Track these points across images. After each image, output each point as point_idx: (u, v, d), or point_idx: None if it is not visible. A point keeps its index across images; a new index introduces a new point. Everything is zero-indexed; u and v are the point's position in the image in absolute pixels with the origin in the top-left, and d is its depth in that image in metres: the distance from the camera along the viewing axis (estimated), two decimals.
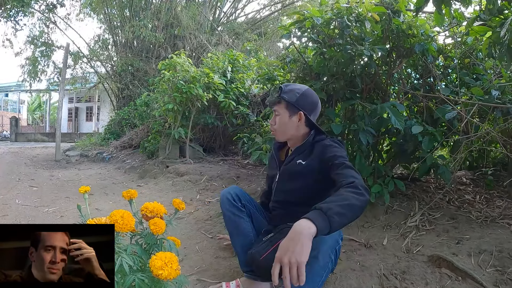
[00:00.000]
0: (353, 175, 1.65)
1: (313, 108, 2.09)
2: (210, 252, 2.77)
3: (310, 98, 2.08)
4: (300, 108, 2.04)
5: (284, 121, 2.08)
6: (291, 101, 2.03)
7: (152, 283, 1.21)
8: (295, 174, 2.05)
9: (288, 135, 2.13)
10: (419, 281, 2.15)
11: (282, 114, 2.07)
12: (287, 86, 2.09)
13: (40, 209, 4.21)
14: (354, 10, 2.97)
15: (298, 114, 2.05)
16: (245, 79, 6.78)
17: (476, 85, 3.01)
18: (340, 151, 1.89)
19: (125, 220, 1.15)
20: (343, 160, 1.79)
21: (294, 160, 2.07)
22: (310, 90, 2.11)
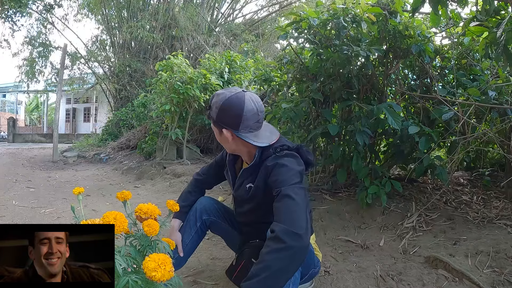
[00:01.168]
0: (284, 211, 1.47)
1: (237, 122, 1.72)
2: (206, 254, 2.76)
3: (229, 111, 1.72)
4: (222, 125, 1.75)
5: (219, 138, 1.85)
6: (214, 118, 1.77)
7: (146, 285, 1.20)
8: (248, 199, 1.87)
9: (231, 150, 1.91)
10: (416, 282, 2.14)
11: (215, 131, 1.84)
12: (213, 97, 1.79)
13: (37, 210, 4.20)
14: (350, 11, 2.96)
15: (223, 131, 1.76)
16: (243, 80, 6.78)
17: (473, 86, 3.02)
18: (284, 173, 1.63)
19: (118, 222, 1.14)
20: (281, 187, 1.56)
21: (244, 185, 1.88)
22: (230, 100, 1.72)
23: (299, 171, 1.65)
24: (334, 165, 3.75)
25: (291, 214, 1.44)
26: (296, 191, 1.53)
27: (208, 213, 2.09)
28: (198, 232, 2.06)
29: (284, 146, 1.76)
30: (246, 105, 1.71)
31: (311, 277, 1.98)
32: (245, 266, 1.79)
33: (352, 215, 3.15)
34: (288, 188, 1.54)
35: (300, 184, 1.59)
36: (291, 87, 4.01)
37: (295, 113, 3.24)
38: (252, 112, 1.72)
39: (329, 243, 2.79)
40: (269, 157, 1.74)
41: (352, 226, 3.02)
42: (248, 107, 1.72)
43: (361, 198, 3.07)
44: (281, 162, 1.67)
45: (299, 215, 1.44)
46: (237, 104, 1.71)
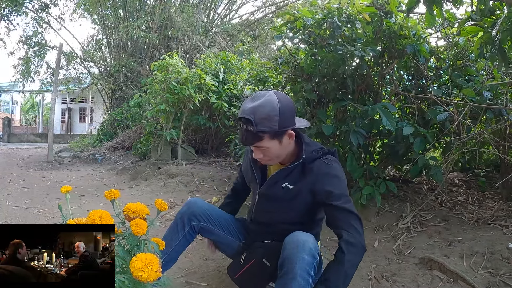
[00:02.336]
0: (354, 225, 1.57)
1: (293, 115, 1.68)
2: (199, 254, 2.74)
3: (287, 109, 1.62)
4: (286, 128, 1.63)
5: (276, 150, 1.68)
6: (273, 130, 1.59)
7: (133, 285, 1.17)
8: (279, 199, 1.80)
9: (282, 158, 1.77)
10: (410, 284, 2.13)
11: (271, 146, 1.65)
12: (256, 113, 1.57)
13: (31, 210, 4.17)
14: (344, 10, 2.94)
15: (287, 134, 1.66)
16: (238, 80, 6.76)
17: (468, 87, 3.01)
18: (340, 184, 1.65)
19: (103, 220, 1.12)
20: (344, 202, 1.60)
21: (279, 183, 1.77)
22: (281, 101, 1.61)
23: (345, 180, 1.71)
24: None
25: (361, 231, 1.58)
26: (354, 209, 1.63)
27: (198, 218, 2.00)
28: (186, 237, 2.00)
29: (323, 149, 1.76)
30: (289, 98, 1.71)
31: None
32: (254, 265, 1.78)
33: None
34: (350, 205, 1.63)
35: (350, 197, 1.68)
36: (285, 88, 4.00)
37: None
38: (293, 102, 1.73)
39: (323, 244, 2.77)
40: (314, 161, 1.71)
41: None
42: (289, 98, 1.71)
43: (356, 199, 3.05)
44: (332, 172, 1.67)
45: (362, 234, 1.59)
46: (288, 100, 1.66)
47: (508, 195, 3.26)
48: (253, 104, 1.59)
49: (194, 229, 2.01)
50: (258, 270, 1.74)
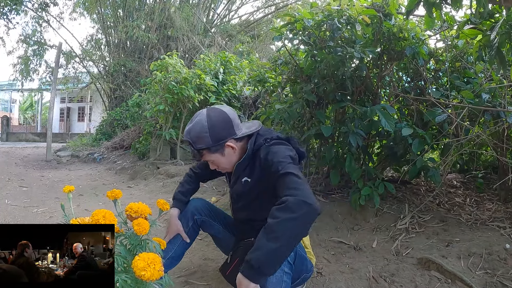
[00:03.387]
0: (289, 187, 1.47)
1: (229, 127, 1.76)
2: (198, 254, 2.75)
3: (217, 123, 1.72)
4: (222, 141, 1.74)
5: (221, 161, 1.81)
6: (209, 146, 1.72)
7: (136, 284, 1.19)
8: (245, 195, 1.86)
9: (233, 163, 1.85)
10: (408, 284, 2.14)
11: (214, 158, 1.79)
12: (190, 133, 1.74)
13: (29, 209, 4.17)
14: (345, 12, 2.96)
15: (226, 146, 1.76)
16: (237, 81, 6.77)
17: (466, 89, 3.03)
18: (279, 153, 1.65)
19: (107, 220, 1.13)
20: (281, 166, 1.56)
21: (239, 179, 1.86)
22: (210, 116, 1.73)
23: (291, 155, 1.66)
24: (327, 167, 3.75)
25: (296, 186, 1.45)
26: (294, 168, 1.55)
27: (200, 212, 2.08)
28: (190, 232, 2.04)
29: (273, 136, 1.80)
30: (225, 111, 1.79)
31: (303, 281, 1.97)
32: (239, 263, 1.75)
33: (345, 216, 3.15)
34: (286, 167, 1.55)
35: (294, 163, 1.61)
36: (285, 88, 4.01)
37: (288, 114, 3.24)
38: (232, 112, 1.81)
39: (322, 245, 2.79)
40: (260, 148, 1.76)
41: (345, 227, 3.02)
42: (227, 111, 1.79)
43: (354, 200, 3.07)
44: (272, 149, 1.69)
45: (303, 186, 1.45)
46: (219, 114, 1.76)
47: (505, 196, 3.27)
48: (189, 126, 1.78)
49: (197, 223, 2.07)
50: None
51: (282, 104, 3.38)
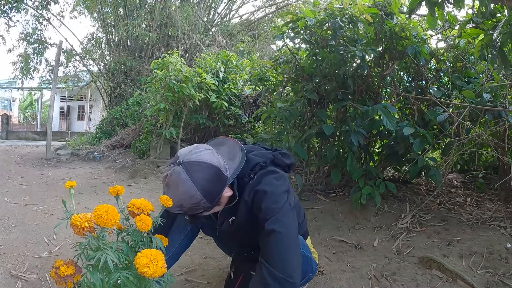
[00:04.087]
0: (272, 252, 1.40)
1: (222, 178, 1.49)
2: (199, 253, 2.74)
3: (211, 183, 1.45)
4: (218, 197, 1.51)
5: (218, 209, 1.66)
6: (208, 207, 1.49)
7: (138, 281, 1.18)
8: (233, 233, 1.74)
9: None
10: (409, 283, 2.14)
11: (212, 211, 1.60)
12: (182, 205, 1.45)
13: (29, 207, 4.16)
14: (347, 11, 2.96)
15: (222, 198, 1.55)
16: (238, 80, 6.77)
17: (468, 88, 3.03)
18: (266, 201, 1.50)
19: (110, 215, 1.13)
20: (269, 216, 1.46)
21: (226, 220, 1.71)
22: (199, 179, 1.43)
23: (283, 190, 1.55)
24: (328, 166, 3.75)
25: (279, 256, 1.39)
26: (282, 222, 1.46)
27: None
28: (188, 235, 2.00)
29: (256, 166, 1.62)
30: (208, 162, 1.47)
31: (307, 281, 1.96)
32: (244, 279, 1.77)
33: (346, 215, 3.15)
34: (273, 221, 1.45)
35: (286, 205, 1.51)
36: (286, 87, 4.01)
37: (290, 113, 3.24)
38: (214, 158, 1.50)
39: (323, 243, 2.79)
40: (246, 187, 1.59)
41: (346, 226, 3.02)
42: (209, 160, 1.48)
43: (355, 199, 3.07)
44: (260, 188, 1.53)
45: (287, 255, 1.40)
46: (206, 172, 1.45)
47: (506, 196, 3.27)
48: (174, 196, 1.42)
49: (196, 226, 2.01)
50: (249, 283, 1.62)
51: (284, 103, 3.38)
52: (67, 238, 3.05)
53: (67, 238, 3.06)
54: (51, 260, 2.63)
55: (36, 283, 2.29)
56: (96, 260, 1.12)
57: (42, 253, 2.77)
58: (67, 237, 3.07)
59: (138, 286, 1.19)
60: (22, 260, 2.61)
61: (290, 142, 3.24)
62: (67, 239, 3.04)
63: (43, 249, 2.86)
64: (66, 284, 1.14)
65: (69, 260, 1.17)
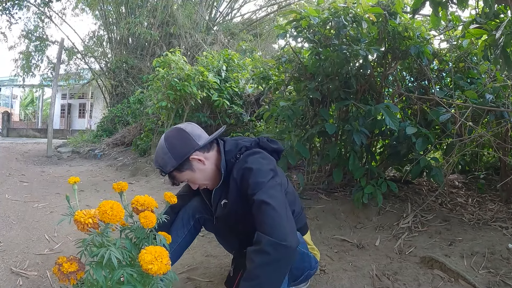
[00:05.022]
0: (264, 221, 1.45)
1: (188, 140, 1.70)
2: (200, 251, 2.74)
3: (174, 141, 1.69)
4: (185, 157, 1.67)
5: (196, 177, 1.75)
6: (175, 165, 1.66)
7: (141, 278, 1.18)
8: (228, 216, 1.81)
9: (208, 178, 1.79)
10: (411, 282, 2.14)
11: (188, 176, 1.74)
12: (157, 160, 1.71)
13: (30, 204, 4.16)
14: (351, 10, 2.96)
15: (192, 161, 1.70)
16: (240, 78, 6.76)
17: (470, 89, 3.02)
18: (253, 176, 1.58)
19: (115, 211, 1.12)
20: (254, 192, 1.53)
21: (219, 203, 1.81)
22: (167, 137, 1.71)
23: (268, 168, 1.63)
24: (330, 165, 3.75)
25: (271, 222, 1.44)
26: (270, 193, 1.52)
27: (201, 211, 2.03)
28: (191, 231, 2.02)
29: (242, 148, 1.75)
30: (181, 127, 1.75)
31: (306, 278, 1.95)
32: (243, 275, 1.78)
33: (348, 214, 3.15)
34: (261, 193, 1.51)
35: (273, 181, 1.58)
36: (288, 86, 4.01)
37: (292, 112, 3.24)
38: (189, 126, 1.76)
39: (325, 242, 2.79)
40: (233, 167, 1.70)
41: (348, 225, 3.02)
42: (184, 126, 1.75)
43: (357, 198, 3.06)
44: (246, 166, 1.63)
45: (279, 221, 1.44)
46: (175, 133, 1.73)
47: (507, 197, 3.27)
48: (155, 154, 1.76)
49: (199, 222, 2.03)
50: None
51: (286, 102, 3.38)
52: (68, 235, 3.05)
53: (68, 235, 3.06)
54: (52, 257, 2.63)
55: (36, 280, 2.29)
56: (99, 257, 1.12)
57: (43, 250, 2.77)
58: (68, 234, 3.07)
59: (141, 283, 1.19)
60: (23, 257, 2.62)
61: (292, 141, 3.24)
62: (68, 236, 3.05)
63: (44, 246, 2.86)
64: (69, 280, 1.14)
65: (72, 257, 1.17)
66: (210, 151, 1.76)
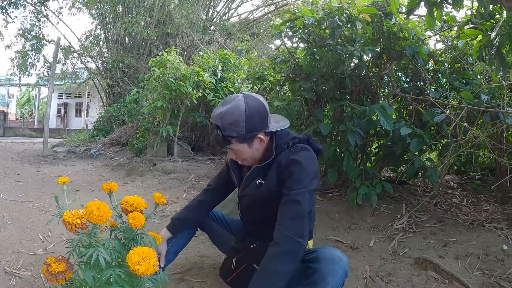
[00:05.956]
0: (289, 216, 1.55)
1: (264, 119, 1.71)
2: (194, 251, 2.73)
3: (255, 113, 1.66)
4: (254, 132, 1.68)
5: (247, 152, 1.74)
6: (240, 135, 1.65)
7: (129, 279, 1.17)
8: (255, 197, 1.82)
9: (256, 159, 1.81)
10: (405, 283, 2.13)
11: (240, 148, 1.72)
12: (223, 118, 1.65)
13: (25, 204, 4.15)
14: (345, 10, 2.95)
15: (257, 139, 1.70)
16: (236, 78, 6.76)
17: (465, 89, 3.02)
18: (298, 171, 1.63)
19: (101, 212, 1.11)
20: (292, 188, 1.59)
21: (254, 181, 1.82)
22: (249, 105, 1.65)
23: (313, 169, 1.66)
24: (325, 165, 3.74)
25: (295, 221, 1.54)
26: (304, 196, 1.58)
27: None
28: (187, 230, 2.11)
29: (295, 139, 1.75)
30: (261, 100, 1.71)
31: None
32: (244, 269, 1.83)
33: (342, 215, 3.14)
34: (298, 193, 1.57)
35: (312, 183, 1.63)
36: (283, 86, 4.00)
37: (287, 112, 3.23)
38: (266, 104, 1.74)
39: (319, 243, 2.77)
40: (283, 152, 1.71)
41: (342, 226, 3.01)
42: (263, 101, 1.72)
43: (352, 199, 3.06)
44: (296, 158, 1.65)
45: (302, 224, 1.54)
46: (257, 104, 1.68)
47: (502, 198, 3.27)
48: (221, 109, 1.66)
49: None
50: (249, 275, 1.74)
51: (281, 102, 3.37)
52: (62, 235, 3.03)
53: (62, 235, 3.04)
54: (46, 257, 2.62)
55: (30, 280, 2.28)
56: (88, 257, 1.11)
57: (37, 250, 2.76)
58: (62, 234, 3.06)
59: (130, 283, 1.18)
60: (17, 257, 2.60)
61: None
62: (62, 236, 3.03)
63: (38, 246, 2.84)
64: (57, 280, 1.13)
65: (60, 257, 1.17)
66: (268, 136, 1.78)
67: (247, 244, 1.94)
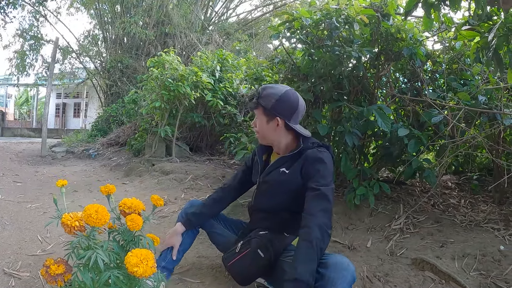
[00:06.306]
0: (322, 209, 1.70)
1: (292, 113, 1.96)
2: (192, 252, 2.73)
3: (287, 102, 1.94)
4: (276, 113, 1.94)
5: (262, 125, 2.02)
6: (267, 107, 1.95)
7: (128, 281, 1.18)
8: (276, 184, 2.00)
9: (269, 140, 2.07)
10: (402, 284, 2.14)
11: (260, 119, 2.02)
12: (265, 89, 2.00)
13: (23, 204, 4.14)
14: (343, 12, 2.96)
15: (275, 120, 1.96)
16: (234, 79, 6.76)
17: (463, 90, 3.03)
18: (324, 170, 1.83)
19: (99, 215, 1.12)
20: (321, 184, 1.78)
21: (278, 169, 2.00)
22: (288, 93, 1.96)
23: (332, 172, 1.89)
24: None
25: (326, 214, 1.69)
26: (331, 194, 1.77)
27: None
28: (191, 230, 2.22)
29: (316, 142, 1.99)
30: (300, 101, 2.00)
31: None
32: (248, 254, 1.89)
33: (340, 216, 3.14)
34: (328, 190, 1.76)
35: (332, 183, 1.84)
36: None
37: None
38: (302, 108, 2.01)
39: None
40: (310, 149, 1.92)
41: (340, 227, 3.02)
42: (301, 103, 2.00)
43: (349, 199, 3.07)
44: (321, 157, 1.86)
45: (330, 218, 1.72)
46: (293, 98, 1.96)
47: (500, 198, 3.28)
48: (271, 85, 2.03)
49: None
50: (251, 260, 1.86)
51: None
52: (61, 236, 3.03)
53: (61, 236, 3.04)
54: (45, 258, 2.59)
55: (29, 281, 2.28)
56: (86, 259, 1.12)
57: (36, 251, 2.76)
58: (61, 235, 3.06)
59: (128, 285, 1.19)
60: (15, 258, 2.60)
61: None
62: (60, 237, 3.03)
63: (37, 247, 2.84)
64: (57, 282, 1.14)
65: (59, 259, 1.17)
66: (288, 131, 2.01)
67: (257, 231, 2.03)
